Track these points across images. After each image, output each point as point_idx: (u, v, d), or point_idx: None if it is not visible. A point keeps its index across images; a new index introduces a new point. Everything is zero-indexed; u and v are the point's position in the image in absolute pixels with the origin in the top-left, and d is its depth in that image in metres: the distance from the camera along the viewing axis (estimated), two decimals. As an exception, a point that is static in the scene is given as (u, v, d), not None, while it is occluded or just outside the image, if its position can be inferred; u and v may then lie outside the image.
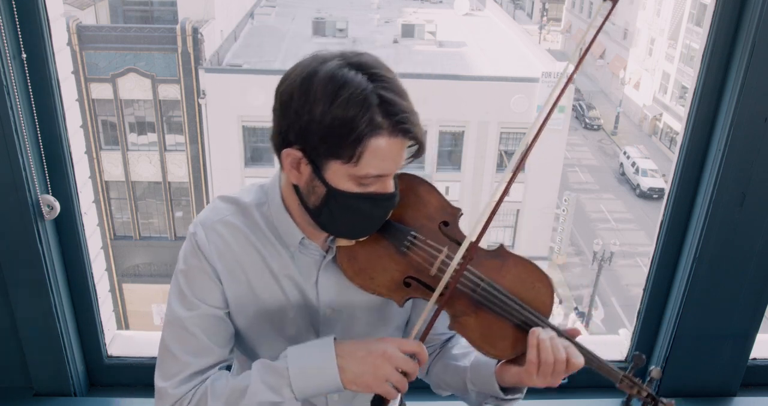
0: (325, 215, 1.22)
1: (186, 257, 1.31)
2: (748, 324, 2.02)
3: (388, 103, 1.13)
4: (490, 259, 1.30)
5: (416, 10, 23.00)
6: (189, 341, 1.29)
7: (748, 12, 1.69)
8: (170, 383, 1.28)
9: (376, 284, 1.28)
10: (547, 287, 1.31)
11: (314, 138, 1.14)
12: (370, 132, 1.12)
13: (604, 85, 33.53)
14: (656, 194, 22.83)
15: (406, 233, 1.28)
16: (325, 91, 1.11)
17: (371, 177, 1.17)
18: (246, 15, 19.73)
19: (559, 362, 1.24)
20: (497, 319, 1.28)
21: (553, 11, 42.58)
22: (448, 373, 1.43)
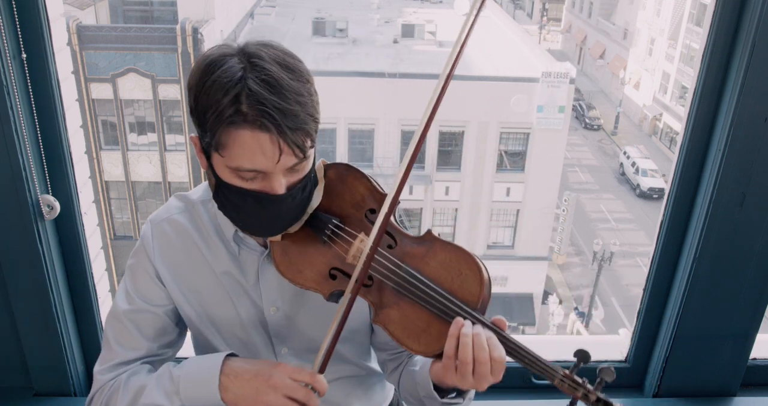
0: (219, 204, 1.22)
1: (134, 253, 1.38)
2: (748, 324, 2.02)
3: (252, 93, 1.06)
4: (416, 246, 1.22)
5: (416, 10, 22.99)
6: (121, 332, 1.34)
7: (748, 12, 1.69)
8: (100, 368, 1.34)
9: (304, 278, 1.25)
10: (476, 274, 1.18)
11: (196, 126, 1.14)
12: (228, 121, 1.07)
13: (604, 85, 33.53)
14: (656, 194, 22.83)
15: (328, 222, 1.24)
16: (201, 77, 1.10)
17: (246, 171, 1.11)
18: (246, 15, 19.72)
19: (480, 363, 1.12)
20: (420, 311, 1.19)
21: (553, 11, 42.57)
22: (408, 381, 1.38)
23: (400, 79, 15.71)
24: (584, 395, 1.13)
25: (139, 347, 1.35)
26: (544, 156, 16.77)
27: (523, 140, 16.90)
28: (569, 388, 1.14)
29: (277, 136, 1.08)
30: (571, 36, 38.17)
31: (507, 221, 17.67)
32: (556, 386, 1.14)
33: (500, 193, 17.35)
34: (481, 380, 1.15)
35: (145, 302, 1.34)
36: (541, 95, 16.03)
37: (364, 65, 16.86)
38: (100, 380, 1.34)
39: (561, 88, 16.10)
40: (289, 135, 1.08)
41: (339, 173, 1.28)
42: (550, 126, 16.41)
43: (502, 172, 17.18)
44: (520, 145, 17.01)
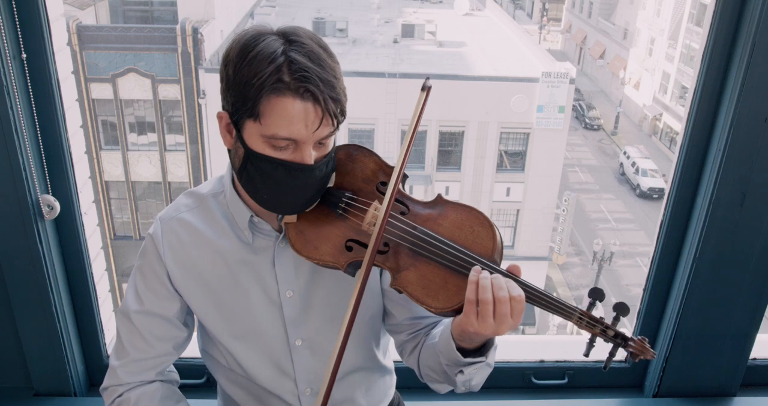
0: (245, 178, 1.23)
1: (143, 253, 1.38)
2: (748, 324, 2.02)
3: (294, 63, 1.12)
4: (427, 209, 1.28)
5: (416, 10, 23.00)
6: (133, 333, 1.38)
7: (748, 12, 1.69)
8: (119, 363, 1.39)
9: (321, 253, 1.27)
10: (488, 229, 1.24)
11: (231, 98, 1.17)
12: (271, 88, 1.12)
13: (604, 85, 33.54)
14: (656, 194, 22.83)
15: (341, 196, 1.28)
16: (240, 52, 1.15)
17: (281, 139, 1.15)
18: (246, 15, 19.72)
19: (500, 301, 1.14)
20: (437, 268, 1.23)
21: (553, 11, 42.57)
22: (428, 355, 1.38)
23: (400, 79, 15.71)
24: (602, 330, 1.19)
25: (150, 349, 1.39)
26: (544, 156, 16.77)
27: (523, 140, 16.90)
28: (587, 325, 1.19)
29: (318, 105, 1.13)
30: (571, 36, 38.17)
31: (507, 221, 17.68)
32: (574, 324, 1.19)
33: (500, 193, 17.35)
34: (502, 322, 1.16)
35: (153, 304, 1.37)
36: (541, 95, 16.02)
37: (364, 65, 16.87)
38: (118, 376, 1.39)
39: (561, 88, 16.10)
40: (330, 104, 1.14)
41: (348, 152, 1.32)
42: (550, 126, 16.40)
43: (502, 172, 17.18)
44: (520, 145, 17.01)
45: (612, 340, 1.20)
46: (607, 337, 1.20)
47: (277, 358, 1.41)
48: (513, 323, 1.17)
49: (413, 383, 1.89)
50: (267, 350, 1.40)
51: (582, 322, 1.19)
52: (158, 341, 1.39)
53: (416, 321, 1.43)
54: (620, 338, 1.20)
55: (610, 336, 1.20)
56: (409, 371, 1.64)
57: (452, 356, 1.26)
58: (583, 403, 2.14)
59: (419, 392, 2.08)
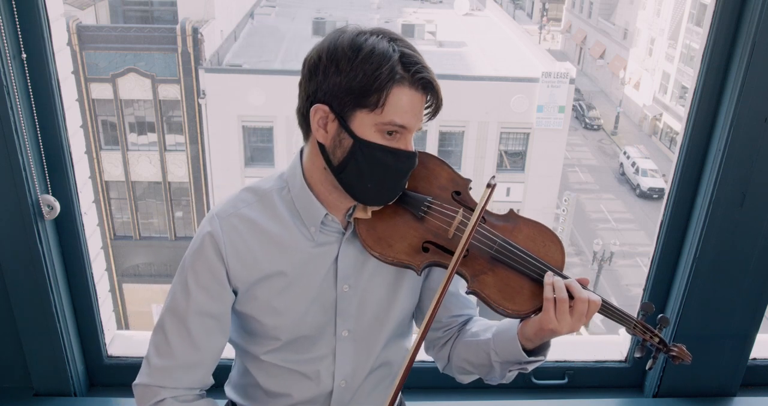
0: (350, 169, 1.27)
1: (199, 249, 1.34)
2: (748, 324, 2.02)
3: (408, 57, 1.23)
4: (502, 222, 1.38)
5: (416, 10, 22.99)
6: (182, 334, 1.35)
7: (748, 12, 1.69)
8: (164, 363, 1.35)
9: (395, 251, 1.32)
10: (558, 245, 1.37)
11: (341, 92, 1.22)
12: (392, 81, 1.21)
13: (604, 85, 33.53)
14: (656, 194, 22.82)
15: (422, 200, 1.35)
16: (351, 49, 1.22)
17: (395, 126, 1.24)
18: (246, 15, 19.72)
19: (579, 301, 1.28)
20: (514, 274, 1.33)
21: (553, 11, 42.57)
22: (471, 351, 1.45)
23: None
24: (651, 337, 1.37)
25: (198, 353, 1.36)
26: (544, 156, 16.76)
27: (523, 140, 16.89)
28: (640, 331, 1.37)
29: (431, 94, 1.26)
30: (571, 36, 38.16)
31: (507, 221, 17.65)
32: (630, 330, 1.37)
33: (500, 194, 17.34)
34: (578, 320, 1.29)
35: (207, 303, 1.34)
36: (541, 95, 16.01)
37: (364, 65, 16.82)
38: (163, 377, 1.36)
39: (561, 88, 16.09)
40: (439, 95, 1.27)
41: (421, 159, 1.38)
42: (550, 126, 16.40)
43: (502, 172, 17.17)
44: (520, 145, 17.01)
45: (657, 345, 1.38)
46: (654, 342, 1.38)
47: (321, 347, 1.42)
48: (586, 320, 1.31)
49: (413, 383, 1.89)
50: (312, 339, 1.41)
51: (637, 329, 1.37)
52: (208, 345, 1.36)
53: (453, 319, 1.51)
54: (662, 344, 1.38)
55: (656, 342, 1.38)
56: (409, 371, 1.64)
57: (515, 356, 1.36)
58: (583, 403, 2.14)
59: (419, 392, 2.08)
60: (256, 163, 16.01)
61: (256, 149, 16.05)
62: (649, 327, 1.36)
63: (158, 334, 1.38)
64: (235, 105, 15.04)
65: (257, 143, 15.95)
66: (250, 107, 14.86)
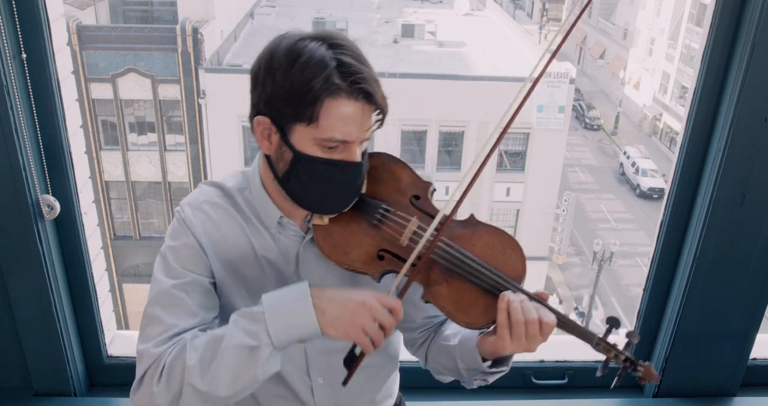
0: (293, 181, 1.24)
1: (173, 234, 1.34)
2: (748, 324, 2.02)
3: (345, 65, 1.16)
4: (461, 228, 1.33)
5: (416, 10, 22.98)
6: (173, 304, 1.29)
7: (748, 12, 1.69)
8: (151, 343, 1.26)
9: (351, 259, 1.30)
10: (518, 253, 1.31)
11: (278, 103, 1.19)
12: (327, 92, 1.15)
13: (604, 85, 33.52)
14: (656, 194, 22.82)
15: (377, 207, 1.31)
16: (287, 58, 1.17)
17: (335, 141, 1.19)
18: (246, 15, 19.72)
19: (531, 323, 1.22)
20: (468, 286, 1.28)
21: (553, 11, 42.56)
22: (442, 354, 1.44)
23: (400, 79, 15.70)
24: (615, 355, 1.28)
25: (194, 314, 1.30)
26: (544, 156, 16.76)
27: (523, 140, 16.89)
28: (604, 349, 1.28)
29: (372, 103, 1.20)
30: (571, 36, 38.13)
31: (507, 221, 17.66)
32: (593, 347, 1.28)
33: (500, 193, 17.34)
34: (533, 341, 1.24)
35: (192, 272, 1.32)
36: (541, 95, 16.01)
37: (364, 65, 16.82)
38: (154, 352, 1.25)
39: (561, 88, 16.09)
40: (381, 101, 1.21)
41: (382, 162, 1.35)
42: (550, 126, 16.39)
43: (502, 172, 17.17)
44: (520, 145, 17.00)
45: (623, 363, 1.29)
46: (620, 361, 1.29)
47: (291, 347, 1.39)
48: (542, 341, 1.25)
49: (413, 383, 1.89)
50: None
51: (599, 346, 1.28)
52: (201, 309, 1.31)
53: (428, 320, 1.50)
54: (629, 363, 1.29)
55: (622, 360, 1.29)
56: (410, 371, 1.65)
57: (477, 366, 1.33)
58: (583, 403, 2.14)
59: (420, 392, 2.08)
60: (256, 163, 15.99)
61: (256, 149, 15.82)
62: (613, 345, 1.28)
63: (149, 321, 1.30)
64: (235, 105, 15.01)
65: (257, 143, 15.94)
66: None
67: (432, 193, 1.35)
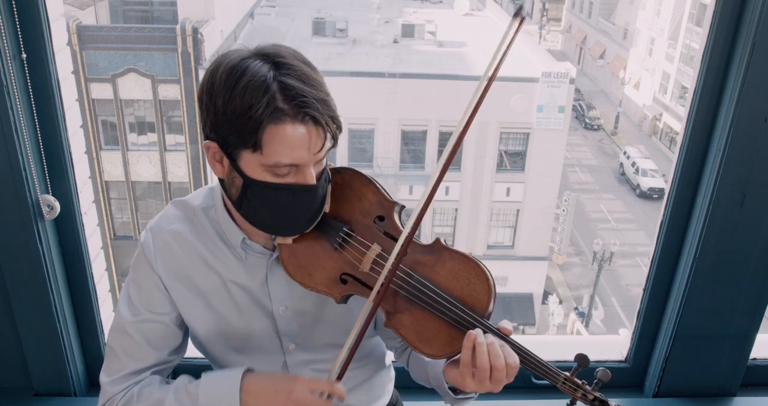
0: (245, 206, 1.22)
1: (135, 264, 1.36)
2: (748, 324, 2.02)
3: (288, 88, 1.10)
4: (425, 254, 1.26)
5: (416, 10, 22.98)
6: (128, 343, 1.33)
7: (748, 12, 1.69)
8: (109, 380, 1.33)
9: (314, 282, 1.28)
10: (483, 282, 1.23)
11: (222, 129, 1.14)
12: (269, 118, 1.10)
13: (604, 85, 33.52)
14: (656, 194, 22.82)
15: (339, 229, 1.28)
16: (227, 82, 1.11)
17: (283, 166, 1.14)
18: (246, 15, 19.71)
19: (496, 369, 1.17)
20: (431, 317, 1.24)
21: (553, 11, 42.57)
22: (418, 368, 1.44)
23: (400, 79, 15.70)
24: (583, 395, 1.23)
25: (148, 356, 1.34)
26: (544, 156, 16.76)
27: (523, 140, 16.89)
28: (570, 389, 1.23)
29: (319, 126, 1.13)
30: (571, 36, 38.15)
31: (507, 221, 17.66)
32: (558, 388, 1.23)
33: (500, 194, 17.34)
34: (498, 384, 1.20)
35: (150, 311, 1.34)
36: (541, 95, 16.02)
37: (364, 65, 16.85)
38: (109, 391, 1.33)
39: (561, 88, 16.09)
40: (330, 124, 1.14)
41: (346, 178, 1.30)
42: (550, 126, 16.40)
43: (502, 172, 17.17)
44: (520, 145, 17.01)
45: (591, 403, 1.24)
46: (587, 400, 1.24)
47: (271, 361, 1.41)
48: (507, 381, 1.20)
49: (413, 383, 1.89)
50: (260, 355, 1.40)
51: (565, 386, 1.23)
52: (155, 350, 1.34)
53: None
54: (598, 402, 1.24)
55: (590, 400, 1.24)
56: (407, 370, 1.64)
57: (444, 391, 1.33)
58: (583, 403, 2.14)
59: (419, 392, 2.07)
60: (256, 163, 15.99)
61: (256, 149, 16.04)
62: (580, 384, 1.23)
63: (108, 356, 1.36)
64: (235, 105, 15.03)
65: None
66: (250, 107, 14.87)
67: (400, 212, 1.30)
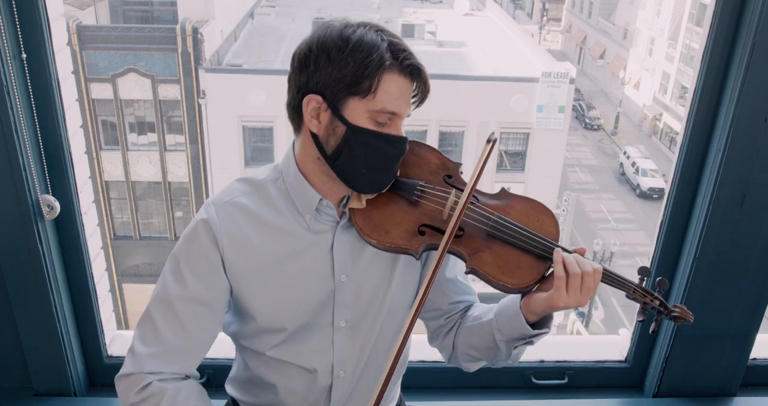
0: (344, 155, 1.28)
1: (191, 238, 1.34)
2: (748, 324, 2.02)
3: (395, 45, 1.26)
4: (495, 201, 1.41)
5: (416, 10, 22.98)
6: (171, 319, 1.32)
7: (748, 12, 1.69)
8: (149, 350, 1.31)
9: (392, 237, 1.33)
10: (551, 218, 1.39)
11: (332, 81, 1.25)
12: (382, 67, 1.24)
13: (604, 85, 33.52)
14: (656, 194, 22.81)
15: (415, 185, 1.37)
16: (340, 39, 1.26)
17: (387, 113, 1.26)
18: (246, 15, 19.71)
19: (587, 275, 1.29)
20: (511, 249, 1.34)
21: (553, 11, 42.57)
22: (474, 335, 1.45)
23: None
24: (651, 299, 1.38)
25: (189, 338, 1.33)
26: (544, 156, 16.76)
27: (523, 140, 16.89)
28: (640, 295, 1.37)
29: (421, 81, 1.29)
30: (571, 36, 38.16)
31: (507, 221, 17.65)
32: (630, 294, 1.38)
33: (500, 193, 17.33)
34: (587, 294, 1.30)
35: (201, 291, 1.32)
36: (541, 95, 16.01)
37: (364, 65, 16.82)
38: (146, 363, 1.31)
39: (561, 88, 16.09)
40: (426, 81, 1.30)
41: (411, 146, 1.40)
42: (550, 126, 16.39)
43: (502, 172, 17.17)
44: (520, 145, 17.00)
45: (658, 307, 1.38)
46: (654, 305, 1.38)
47: (319, 338, 1.41)
48: (592, 294, 1.33)
49: (413, 383, 1.89)
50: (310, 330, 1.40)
51: (636, 293, 1.37)
52: (200, 332, 1.33)
53: (454, 305, 1.51)
54: (662, 305, 1.38)
55: (656, 305, 1.38)
56: (410, 370, 1.64)
57: (520, 331, 1.36)
58: (583, 403, 2.14)
59: (419, 392, 2.08)
60: (256, 163, 16.00)
61: (256, 149, 16.05)
62: (648, 290, 1.37)
63: (145, 324, 1.34)
64: (235, 105, 15.04)
65: (257, 143, 15.94)
66: (250, 107, 14.86)
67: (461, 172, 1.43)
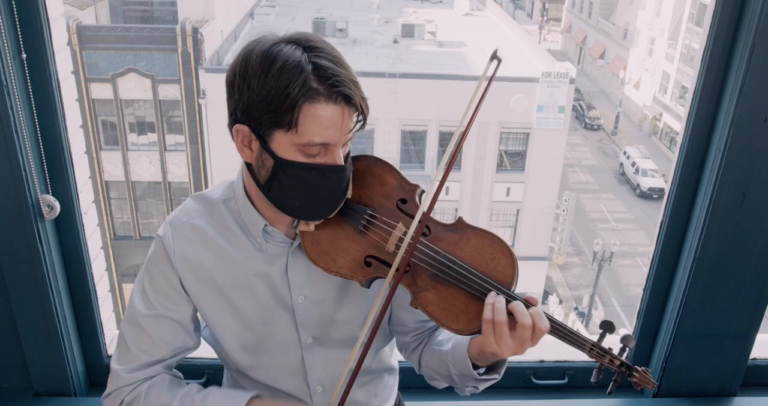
0: (275, 188, 1.23)
1: (153, 258, 1.36)
2: (748, 324, 2.02)
3: (322, 68, 1.15)
4: (449, 233, 1.30)
5: (416, 10, 22.99)
6: (141, 336, 1.35)
7: (748, 12, 1.69)
8: (122, 367, 1.35)
9: (338, 266, 1.29)
10: (508, 257, 1.27)
11: (256, 111, 1.17)
12: (304, 97, 1.14)
13: (604, 85, 33.52)
14: (656, 194, 22.83)
15: (362, 213, 1.30)
16: (261, 64, 1.15)
17: (315, 145, 1.18)
18: (246, 15, 19.72)
19: (521, 326, 1.19)
20: (457, 292, 1.26)
21: (553, 11, 42.57)
22: (435, 360, 1.43)
23: (400, 79, 15.70)
24: (610, 360, 1.26)
25: (159, 350, 1.36)
26: (544, 156, 16.76)
27: (523, 140, 16.89)
28: (597, 355, 1.26)
29: (351, 106, 1.18)
30: (571, 36, 38.16)
31: (507, 221, 17.66)
32: (587, 354, 1.26)
33: (500, 194, 17.34)
34: (520, 344, 1.21)
35: (165, 307, 1.35)
36: (541, 95, 16.02)
37: (364, 65, 16.85)
38: (122, 377, 1.36)
39: (561, 88, 16.09)
40: (361, 104, 1.19)
41: (367, 165, 1.33)
42: (550, 126, 16.40)
43: (502, 172, 17.18)
44: (520, 145, 17.01)
45: (618, 369, 1.27)
46: (614, 366, 1.27)
47: (288, 357, 1.42)
48: (533, 345, 1.22)
49: (413, 383, 1.89)
50: (278, 351, 1.41)
51: (593, 352, 1.26)
52: (167, 344, 1.37)
53: (422, 324, 1.48)
54: (625, 368, 1.27)
55: (617, 365, 1.27)
56: (409, 371, 1.65)
57: (467, 372, 1.32)
58: (583, 403, 2.14)
59: (419, 392, 2.08)
60: (256, 163, 15.99)
61: (256, 149, 16.04)
62: (607, 350, 1.26)
63: (120, 344, 1.38)
64: (235, 105, 15.02)
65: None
66: (250, 107, 14.87)
67: (420, 195, 1.32)
